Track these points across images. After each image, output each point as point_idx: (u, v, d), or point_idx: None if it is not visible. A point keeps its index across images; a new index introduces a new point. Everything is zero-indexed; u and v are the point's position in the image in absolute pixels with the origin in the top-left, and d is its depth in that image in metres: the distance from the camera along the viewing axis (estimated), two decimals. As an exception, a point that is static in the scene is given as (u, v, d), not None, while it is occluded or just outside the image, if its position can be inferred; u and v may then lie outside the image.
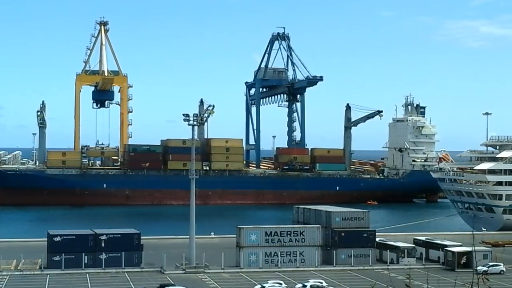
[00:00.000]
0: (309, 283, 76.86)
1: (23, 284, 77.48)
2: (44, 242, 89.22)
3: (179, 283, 77.11)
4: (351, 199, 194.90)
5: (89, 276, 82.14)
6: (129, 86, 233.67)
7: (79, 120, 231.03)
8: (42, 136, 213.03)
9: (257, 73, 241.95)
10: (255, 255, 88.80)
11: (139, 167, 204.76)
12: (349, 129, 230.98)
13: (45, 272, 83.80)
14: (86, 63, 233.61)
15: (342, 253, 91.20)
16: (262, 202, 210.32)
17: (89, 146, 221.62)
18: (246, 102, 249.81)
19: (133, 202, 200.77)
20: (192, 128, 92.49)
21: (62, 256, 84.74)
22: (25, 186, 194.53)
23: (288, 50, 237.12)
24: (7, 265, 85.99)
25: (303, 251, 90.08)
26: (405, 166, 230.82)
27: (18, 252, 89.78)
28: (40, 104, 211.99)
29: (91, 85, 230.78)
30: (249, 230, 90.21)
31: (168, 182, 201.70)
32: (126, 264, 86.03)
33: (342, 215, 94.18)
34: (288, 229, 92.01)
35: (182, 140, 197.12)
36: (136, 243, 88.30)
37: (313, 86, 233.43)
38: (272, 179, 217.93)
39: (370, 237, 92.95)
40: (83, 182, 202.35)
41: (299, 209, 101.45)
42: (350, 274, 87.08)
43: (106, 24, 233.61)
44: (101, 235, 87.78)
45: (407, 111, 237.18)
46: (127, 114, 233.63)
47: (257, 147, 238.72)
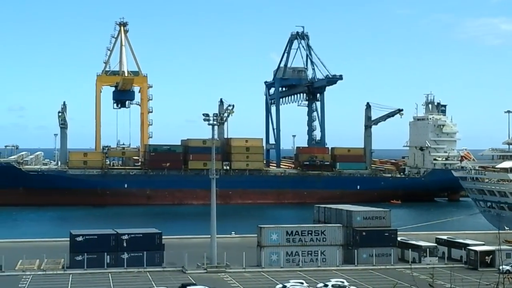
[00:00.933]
0: (330, 282, 76.70)
1: (46, 284, 78.04)
2: (67, 242, 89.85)
3: (201, 282, 77.28)
4: (372, 198, 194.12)
5: (111, 276, 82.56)
6: (149, 86, 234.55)
7: (99, 120, 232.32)
8: (64, 136, 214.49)
9: (277, 73, 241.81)
10: (276, 254, 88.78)
11: (159, 167, 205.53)
12: (370, 128, 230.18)
13: (67, 271, 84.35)
14: (106, 64, 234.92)
15: (363, 252, 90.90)
16: (282, 201, 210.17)
17: (110, 147, 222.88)
18: (265, 101, 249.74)
19: (154, 202, 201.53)
20: (212, 128, 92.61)
21: (85, 256, 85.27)
22: (47, 187, 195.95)
23: (307, 49, 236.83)
24: (30, 265, 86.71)
25: (324, 250, 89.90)
26: (426, 165, 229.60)
27: (41, 252, 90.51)
28: (61, 105, 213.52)
29: (111, 86, 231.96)
30: (270, 229, 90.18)
31: (189, 182, 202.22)
32: (147, 264, 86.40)
33: (363, 214, 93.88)
34: (309, 228, 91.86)
35: (202, 140, 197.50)
36: (157, 242, 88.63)
37: (332, 85, 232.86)
38: (293, 179, 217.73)
39: (391, 236, 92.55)
40: (105, 182, 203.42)
41: (320, 208, 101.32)
42: (371, 273, 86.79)
43: (125, 24, 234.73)
44: (122, 235, 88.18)
45: (427, 109, 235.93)
46: (147, 114, 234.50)
47: (277, 147, 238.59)
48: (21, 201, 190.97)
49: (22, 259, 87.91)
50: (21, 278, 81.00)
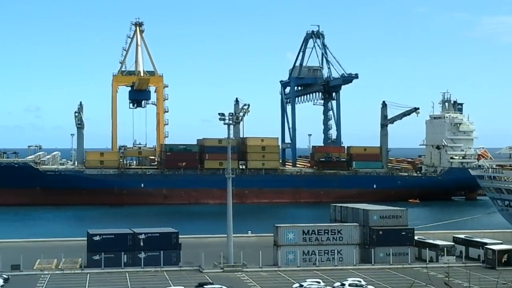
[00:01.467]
0: (347, 281, 76.57)
1: (64, 283, 78.50)
2: (84, 241, 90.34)
3: (218, 281, 77.38)
4: (388, 197, 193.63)
5: (129, 275, 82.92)
6: (164, 86, 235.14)
7: (116, 120, 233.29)
8: (80, 136, 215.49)
9: (292, 72, 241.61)
10: (292, 253, 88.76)
11: (176, 167, 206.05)
12: (386, 127, 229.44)
13: (85, 271, 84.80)
14: (122, 64, 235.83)
15: (380, 251, 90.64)
16: (298, 200, 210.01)
17: (127, 146, 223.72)
18: (281, 100, 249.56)
19: (170, 201, 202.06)
20: (228, 127, 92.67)
21: (102, 255, 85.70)
22: (64, 186, 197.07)
23: (323, 48, 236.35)
24: (48, 264, 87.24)
25: (341, 249, 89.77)
26: (443, 164, 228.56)
27: (59, 252, 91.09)
28: (78, 105, 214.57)
29: (127, 86, 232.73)
30: (287, 228, 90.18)
31: (205, 181, 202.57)
32: (164, 263, 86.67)
33: (379, 213, 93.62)
34: (326, 227, 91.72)
35: (218, 139, 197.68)
36: (174, 242, 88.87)
37: (348, 84, 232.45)
38: (309, 178, 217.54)
39: (408, 235, 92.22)
40: (121, 182, 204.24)
41: (336, 207, 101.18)
42: (388, 272, 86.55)
43: (141, 25, 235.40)
44: (139, 234, 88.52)
45: (444, 108, 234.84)
46: (163, 114, 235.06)
47: (293, 146, 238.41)
48: (39, 201, 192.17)
49: (40, 258, 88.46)
50: (39, 277, 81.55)
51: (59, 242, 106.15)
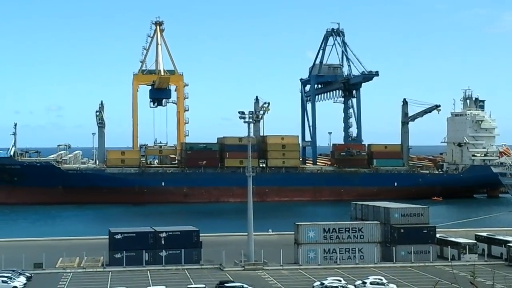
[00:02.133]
0: (369, 280, 76.34)
1: (86, 281, 79.02)
2: (106, 240, 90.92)
3: (239, 280, 77.45)
4: (409, 195, 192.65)
5: (150, 273, 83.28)
6: (185, 85, 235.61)
7: (136, 119, 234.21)
8: (101, 135, 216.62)
9: (312, 70, 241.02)
10: (313, 252, 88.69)
11: (196, 165, 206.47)
12: (406, 124, 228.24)
13: (107, 269, 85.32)
14: (143, 63, 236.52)
15: (401, 249, 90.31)
16: (319, 198, 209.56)
17: (147, 145, 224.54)
18: (301, 98, 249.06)
19: (191, 199, 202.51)
20: (248, 125, 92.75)
21: (123, 254, 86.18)
22: (86, 185, 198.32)
23: (343, 46, 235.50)
24: (70, 263, 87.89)
25: (362, 247, 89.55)
26: (464, 161, 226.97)
27: (81, 250, 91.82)
28: (99, 104, 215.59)
29: (147, 85, 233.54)
30: (307, 227, 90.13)
31: (225, 180, 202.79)
32: (185, 261, 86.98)
33: (401, 211, 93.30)
34: (347, 225, 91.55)
35: (238, 138, 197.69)
36: (195, 240, 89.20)
37: (368, 82, 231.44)
38: (329, 176, 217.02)
39: (430, 233, 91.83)
40: (142, 181, 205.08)
41: (357, 205, 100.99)
42: (410, 270, 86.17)
43: (161, 24, 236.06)
44: (160, 233, 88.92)
45: (465, 105, 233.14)
46: (184, 113, 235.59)
47: (313, 144, 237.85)
48: (60, 199, 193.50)
49: (62, 257, 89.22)
50: (61, 275, 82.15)
51: (81, 241, 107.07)
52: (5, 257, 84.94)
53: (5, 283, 74.76)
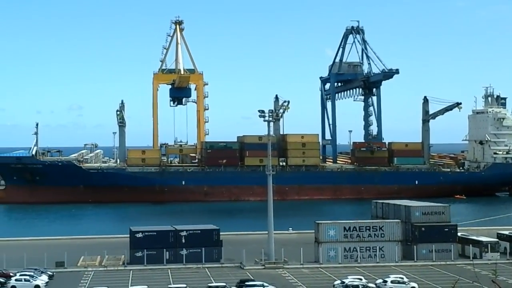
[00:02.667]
0: (389, 278, 76.05)
1: (107, 280, 79.42)
2: (127, 238, 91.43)
3: (259, 278, 77.51)
4: (430, 193, 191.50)
5: (171, 272, 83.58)
6: (205, 84, 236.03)
7: (157, 118, 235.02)
8: (122, 134, 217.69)
9: (332, 68, 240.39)
10: (334, 250, 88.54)
11: (216, 164, 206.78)
12: (427, 122, 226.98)
13: (128, 267, 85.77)
14: (163, 62, 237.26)
15: (422, 248, 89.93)
16: (339, 197, 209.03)
17: (168, 144, 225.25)
18: (321, 97, 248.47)
19: (211, 198, 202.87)
20: (268, 124, 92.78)
21: (144, 252, 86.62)
22: (107, 184, 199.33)
23: (363, 44, 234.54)
24: (92, 261, 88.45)
25: (382, 246, 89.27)
26: (486, 159, 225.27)
27: (102, 249, 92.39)
28: (119, 104, 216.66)
29: (167, 84, 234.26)
30: (328, 225, 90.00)
31: (245, 178, 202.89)
32: (206, 260, 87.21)
33: (422, 209, 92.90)
34: (367, 224, 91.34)
35: (258, 136, 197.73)
36: (215, 239, 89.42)
37: (389, 79, 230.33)
38: (349, 174, 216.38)
39: (451, 231, 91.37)
40: (163, 180, 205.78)
41: (378, 204, 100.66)
42: (431, 269, 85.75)
43: (181, 23, 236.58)
44: (181, 231, 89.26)
45: (487, 102, 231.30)
46: (204, 112, 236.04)
47: (333, 142, 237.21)
48: (82, 198, 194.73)
49: (83, 255, 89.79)
50: (83, 274, 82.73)
51: (102, 240, 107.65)
52: (27, 256, 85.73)
53: (27, 282, 75.43)
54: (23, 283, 75.33)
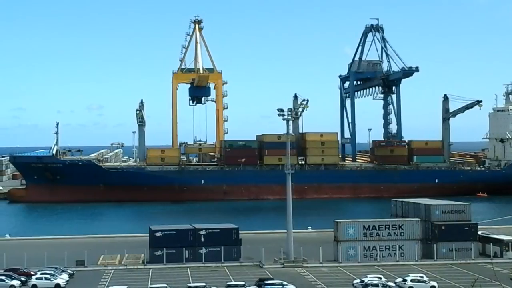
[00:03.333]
0: (409, 277, 75.73)
1: (127, 278, 79.79)
2: (146, 237, 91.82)
3: (278, 277, 77.49)
4: (451, 191, 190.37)
5: (190, 270, 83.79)
6: (224, 83, 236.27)
7: (176, 117, 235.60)
8: (142, 134, 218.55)
9: (351, 66, 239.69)
10: (353, 249, 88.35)
11: (235, 163, 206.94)
12: (447, 120, 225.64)
13: (147, 266, 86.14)
14: (182, 62, 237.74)
15: (442, 246, 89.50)
16: (358, 195, 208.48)
17: (187, 143, 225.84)
18: (340, 95, 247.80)
19: (230, 197, 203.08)
20: (287, 122, 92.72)
21: (164, 251, 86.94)
22: (126, 183, 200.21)
23: (382, 42, 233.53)
24: (112, 260, 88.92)
25: (402, 245, 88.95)
26: (507, 157, 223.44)
27: (122, 247, 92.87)
28: (139, 103, 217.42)
29: (187, 83, 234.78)
30: (347, 224, 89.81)
31: (264, 177, 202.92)
32: (225, 259, 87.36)
33: (442, 208, 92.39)
34: (387, 222, 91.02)
35: (277, 135, 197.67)
36: (234, 237, 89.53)
37: (408, 78, 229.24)
38: (369, 173, 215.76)
39: (472, 230, 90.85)
40: (182, 179, 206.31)
41: (397, 202, 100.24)
42: (451, 268, 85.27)
43: (200, 22, 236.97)
44: (200, 230, 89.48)
45: (508, 100, 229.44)
46: (223, 111, 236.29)
47: (353, 141, 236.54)
48: (102, 197, 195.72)
49: (103, 254, 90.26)
50: (103, 273, 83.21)
51: (122, 238, 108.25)
52: (48, 255, 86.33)
53: (48, 280, 75.98)
54: (44, 281, 75.90)
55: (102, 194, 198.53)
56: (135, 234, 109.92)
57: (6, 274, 77.75)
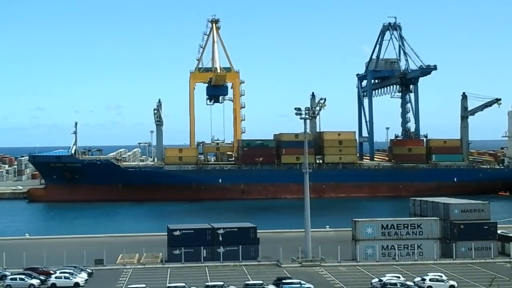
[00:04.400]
0: (428, 276, 75.38)
1: (145, 277, 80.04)
2: (164, 236, 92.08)
3: (296, 276, 77.43)
4: (470, 190, 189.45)
5: (208, 269, 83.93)
6: (241, 82, 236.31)
7: (194, 116, 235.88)
8: (159, 133, 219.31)
9: (369, 65, 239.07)
10: (371, 248, 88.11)
11: (253, 162, 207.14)
12: (466, 119, 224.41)
13: (166, 265, 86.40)
14: (199, 61, 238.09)
15: (461, 246, 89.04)
16: (376, 194, 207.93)
17: (205, 142, 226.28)
18: (358, 94, 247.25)
19: (248, 196, 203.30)
20: (304, 121, 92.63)
21: (182, 250, 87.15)
22: (144, 183, 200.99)
23: (400, 40, 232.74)
24: (130, 259, 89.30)
25: (421, 244, 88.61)
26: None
27: (140, 246, 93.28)
28: (157, 103, 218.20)
29: (204, 82, 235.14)
30: (365, 223, 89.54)
31: (282, 176, 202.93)
32: (243, 258, 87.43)
33: (460, 207, 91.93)
34: (405, 221, 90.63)
35: (295, 134, 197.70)
36: (252, 236, 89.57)
37: (426, 76, 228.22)
38: (387, 171, 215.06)
39: (491, 229, 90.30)
40: (200, 178, 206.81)
41: (416, 201, 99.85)
42: (471, 267, 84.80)
43: (217, 21, 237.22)
44: (218, 229, 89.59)
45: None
46: (240, 110, 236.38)
47: (370, 139, 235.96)
48: (120, 197, 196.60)
49: (122, 253, 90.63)
50: (121, 271, 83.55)
51: (141, 237, 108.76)
52: (67, 254, 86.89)
53: (67, 279, 76.42)
54: (63, 280, 76.35)
55: (120, 193, 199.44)
56: (153, 233, 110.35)
57: (26, 273, 78.30)
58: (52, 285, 76.33)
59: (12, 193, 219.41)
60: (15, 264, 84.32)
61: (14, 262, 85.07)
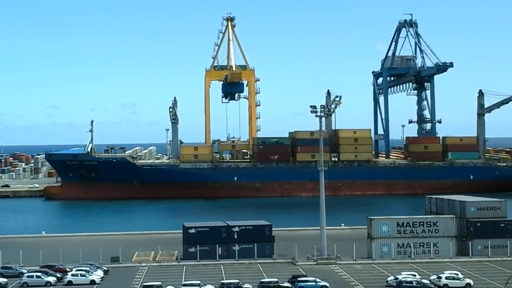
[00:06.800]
0: (444, 274, 75.03)
1: (161, 275, 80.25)
2: (180, 234, 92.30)
3: (311, 274, 77.32)
4: (486, 188, 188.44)
5: (223, 267, 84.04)
6: (256, 80, 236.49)
7: (209, 114, 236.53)
8: (175, 131, 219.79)
9: (384, 62, 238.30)
10: (387, 246, 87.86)
11: (268, 160, 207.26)
12: (482, 116, 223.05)
13: (181, 263, 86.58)
14: (215, 59, 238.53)
15: (478, 244, 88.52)
16: (392, 192, 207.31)
17: (220, 140, 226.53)
18: (373, 91, 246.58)
19: (263, 194, 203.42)
20: (320, 119, 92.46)
21: (197, 248, 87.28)
22: (160, 180, 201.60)
23: (416, 37, 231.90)
24: (146, 257, 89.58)
25: (437, 242, 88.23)
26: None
27: (156, 244, 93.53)
28: (172, 101, 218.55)
29: (219, 80, 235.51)
30: (381, 221, 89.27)
31: (297, 174, 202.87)
32: (258, 255, 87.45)
33: (477, 204, 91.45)
34: (421, 219, 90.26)
35: (310, 132, 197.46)
36: (267, 234, 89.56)
37: (442, 73, 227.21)
38: (403, 169, 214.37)
39: (508, 227, 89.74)
40: (215, 176, 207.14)
41: (432, 199, 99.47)
42: (487, 265, 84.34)
43: (233, 19, 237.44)
44: (233, 227, 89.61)
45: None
46: (255, 108, 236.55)
47: (386, 137, 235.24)
48: (136, 194, 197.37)
49: (138, 251, 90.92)
50: (137, 269, 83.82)
51: (156, 235, 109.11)
52: (83, 251, 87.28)
53: (83, 277, 76.79)
54: (79, 278, 76.72)
55: (136, 191, 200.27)
56: (169, 231, 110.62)
57: (42, 270, 78.74)
58: (68, 283, 76.71)
59: (29, 191, 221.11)
60: (31, 262, 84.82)
61: (31, 260, 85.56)
